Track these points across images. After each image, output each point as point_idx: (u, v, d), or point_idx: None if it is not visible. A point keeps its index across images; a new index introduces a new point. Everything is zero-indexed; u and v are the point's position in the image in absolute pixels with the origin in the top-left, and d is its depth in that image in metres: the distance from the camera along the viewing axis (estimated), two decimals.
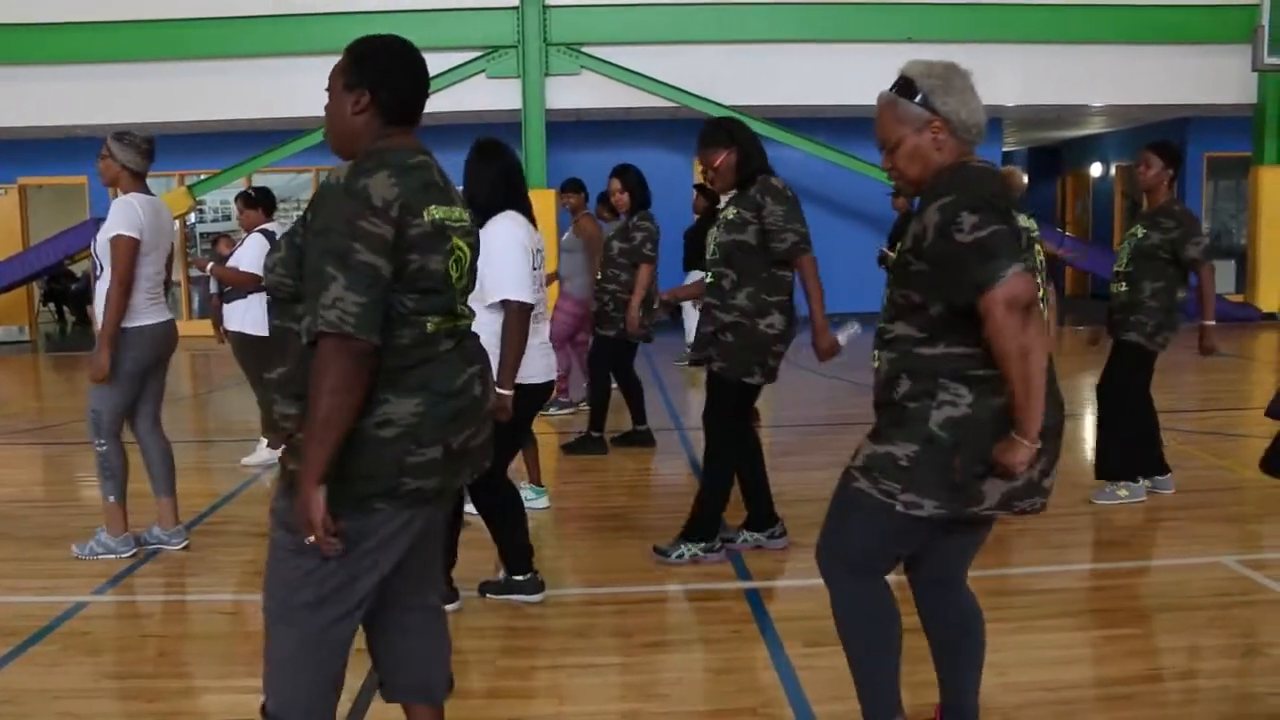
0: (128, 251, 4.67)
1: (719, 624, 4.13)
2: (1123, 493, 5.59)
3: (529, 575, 4.25)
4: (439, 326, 2.36)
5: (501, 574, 4.28)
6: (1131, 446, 5.62)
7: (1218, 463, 6.49)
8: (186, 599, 4.64)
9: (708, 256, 4.64)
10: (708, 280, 4.63)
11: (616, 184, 6.99)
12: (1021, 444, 2.42)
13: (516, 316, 3.85)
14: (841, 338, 4.51)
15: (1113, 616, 4.07)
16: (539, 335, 4.11)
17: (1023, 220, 2.63)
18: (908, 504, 2.59)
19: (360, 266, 2.17)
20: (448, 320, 2.39)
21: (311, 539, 2.20)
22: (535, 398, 4.15)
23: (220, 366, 11.40)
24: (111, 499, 4.90)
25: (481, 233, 3.87)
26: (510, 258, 3.90)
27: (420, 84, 2.45)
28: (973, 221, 2.40)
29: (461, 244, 2.42)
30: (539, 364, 4.10)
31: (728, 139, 4.52)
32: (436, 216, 2.33)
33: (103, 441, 4.83)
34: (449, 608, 4.11)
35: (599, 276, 7.06)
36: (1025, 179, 8.12)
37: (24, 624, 4.10)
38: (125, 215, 4.70)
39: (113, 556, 4.90)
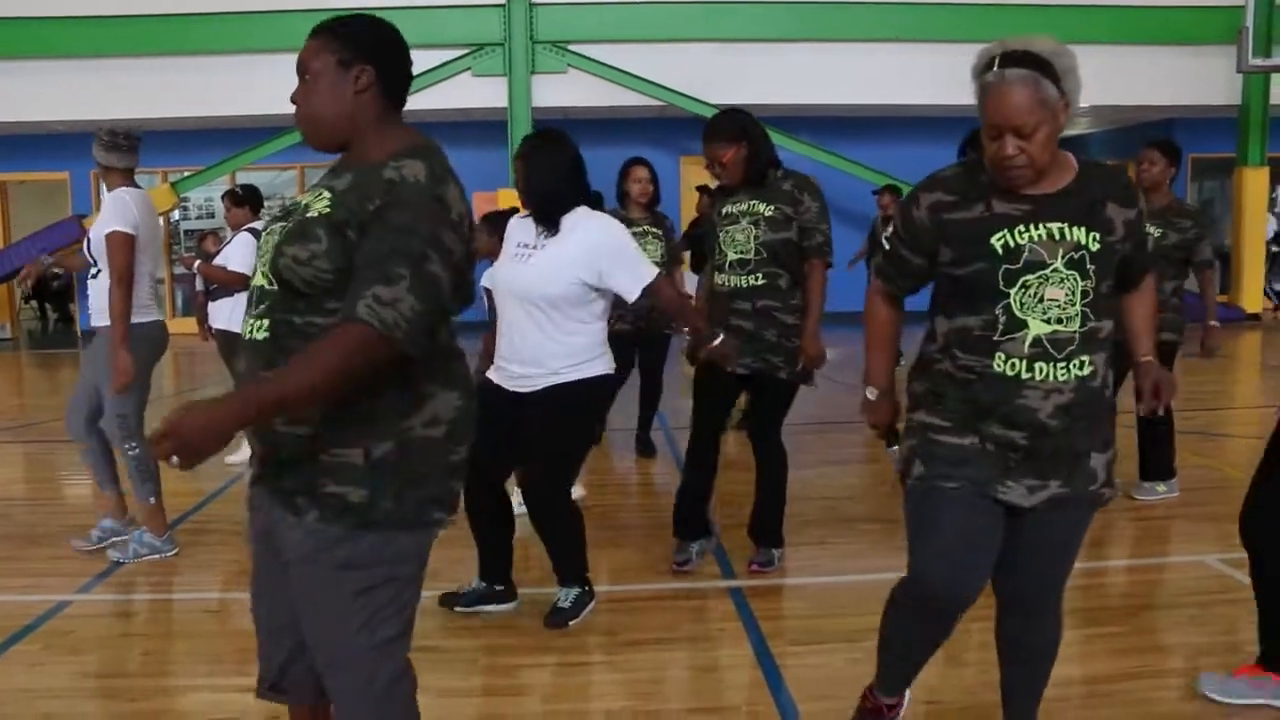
0: (125, 247, 4.62)
1: (704, 623, 4.13)
2: (1161, 488, 5.64)
3: (583, 588, 4.10)
4: (451, 326, 2.27)
5: (475, 583, 4.22)
6: (1171, 443, 5.68)
7: (1201, 462, 6.52)
8: (170, 598, 4.62)
9: (741, 256, 4.38)
10: (756, 282, 4.36)
11: (645, 174, 6.73)
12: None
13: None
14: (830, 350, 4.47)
15: (1096, 615, 4.09)
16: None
17: None
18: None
19: (429, 277, 2.02)
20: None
21: (178, 460, 1.86)
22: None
23: (204, 365, 11.34)
24: (152, 500, 4.85)
25: (577, 231, 3.86)
26: (634, 245, 3.96)
27: (410, 61, 2.29)
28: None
29: None
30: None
31: (740, 133, 4.40)
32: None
33: (134, 445, 4.77)
34: (509, 606, 4.14)
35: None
36: None
37: (5, 623, 4.07)
38: (119, 211, 4.66)
39: (159, 557, 4.86)
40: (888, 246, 2.68)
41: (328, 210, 2.06)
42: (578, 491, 5.47)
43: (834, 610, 4.19)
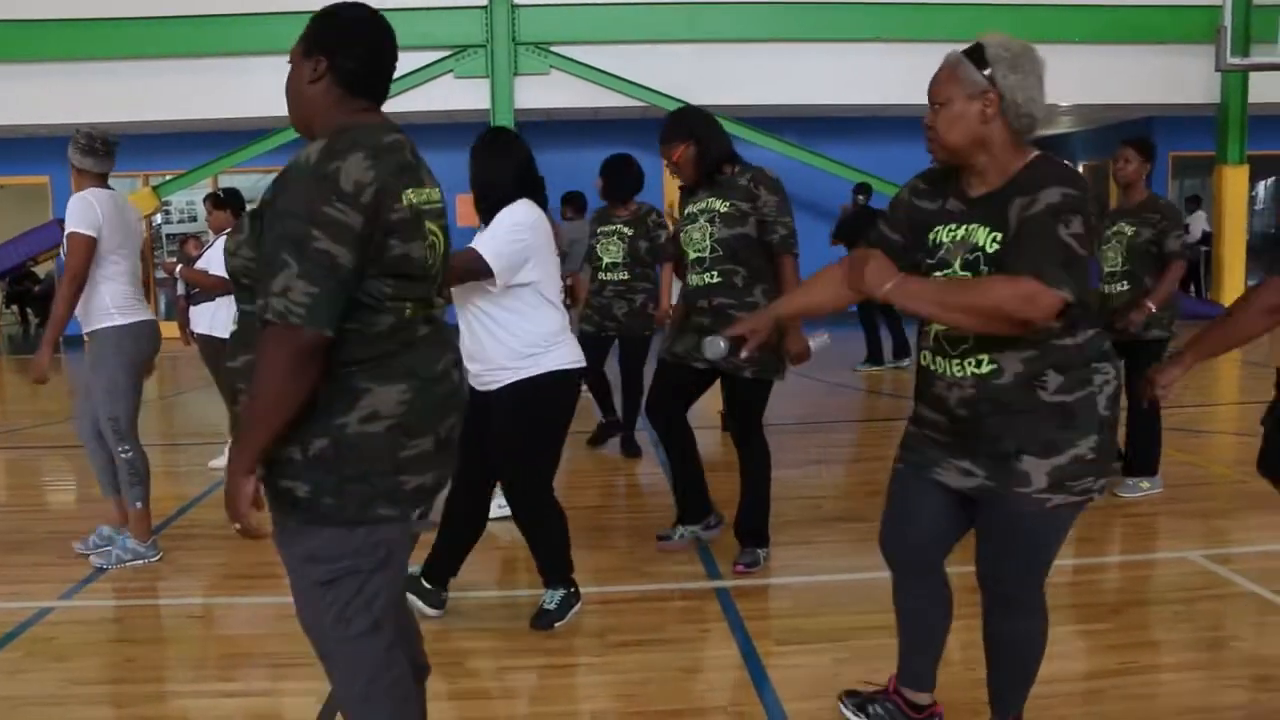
0: (82, 249, 4.58)
1: (690, 623, 4.13)
2: (1145, 485, 5.66)
3: (569, 590, 4.08)
4: (416, 312, 2.23)
5: (413, 568, 4.05)
6: (1157, 440, 5.69)
7: (1185, 459, 6.55)
8: (154, 603, 4.59)
9: (699, 254, 4.42)
10: (712, 280, 4.40)
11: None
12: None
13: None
14: (814, 344, 4.39)
15: (1084, 612, 4.11)
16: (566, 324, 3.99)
17: None
18: (1100, 489, 2.64)
19: (316, 255, 2.02)
20: (424, 307, 2.27)
21: (238, 527, 2.08)
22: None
23: (187, 369, 11.28)
24: (139, 505, 4.82)
25: (494, 221, 3.81)
26: (510, 230, 3.78)
27: (383, 52, 2.28)
28: (1078, 229, 2.35)
29: (435, 228, 2.30)
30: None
31: (686, 132, 4.42)
32: (414, 200, 2.20)
33: (127, 448, 4.75)
34: (432, 613, 4.05)
35: (626, 276, 6.75)
36: None
37: None
38: (81, 213, 4.61)
39: (142, 562, 4.83)
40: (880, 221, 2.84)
41: (262, 201, 2.18)
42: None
43: (820, 610, 4.20)
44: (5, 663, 3.78)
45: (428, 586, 4.09)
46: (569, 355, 3.92)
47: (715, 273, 4.39)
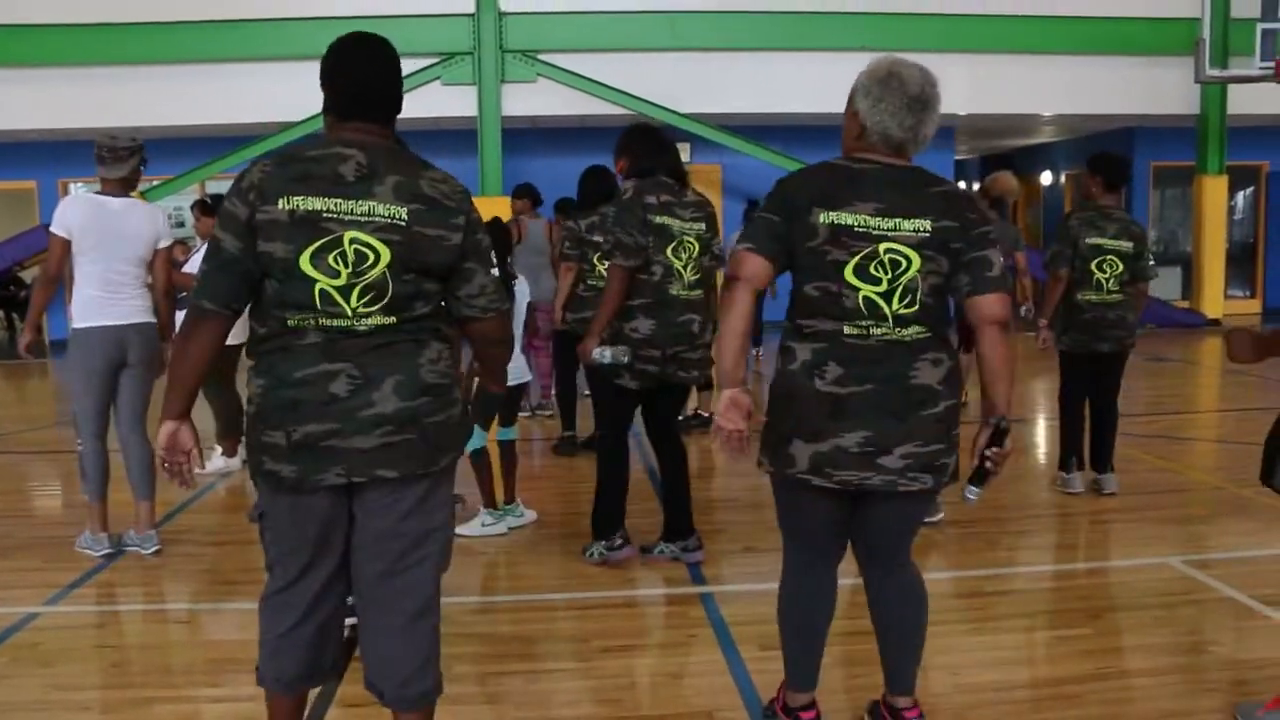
0: (52, 249, 4.77)
1: (674, 628, 4.16)
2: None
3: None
4: (304, 323, 2.42)
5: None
6: (1069, 440, 6.00)
7: (1165, 465, 6.61)
8: (140, 608, 4.59)
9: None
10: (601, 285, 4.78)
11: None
12: (725, 396, 2.78)
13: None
14: (605, 355, 4.46)
15: (1063, 617, 4.14)
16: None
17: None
18: (758, 463, 2.93)
19: (212, 241, 2.45)
20: (317, 317, 2.41)
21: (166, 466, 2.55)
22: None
23: None
24: (87, 498, 4.99)
25: None
26: None
27: (359, 78, 2.51)
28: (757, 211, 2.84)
29: (369, 240, 2.41)
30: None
31: (621, 149, 4.76)
32: (302, 206, 2.38)
33: (80, 441, 4.91)
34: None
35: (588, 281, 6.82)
36: (1015, 182, 8.25)
37: None
38: (58, 213, 4.80)
39: (89, 553, 4.96)
40: None
41: None
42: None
43: None
44: None
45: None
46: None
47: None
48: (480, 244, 2.58)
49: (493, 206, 11.90)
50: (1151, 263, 5.85)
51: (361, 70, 2.51)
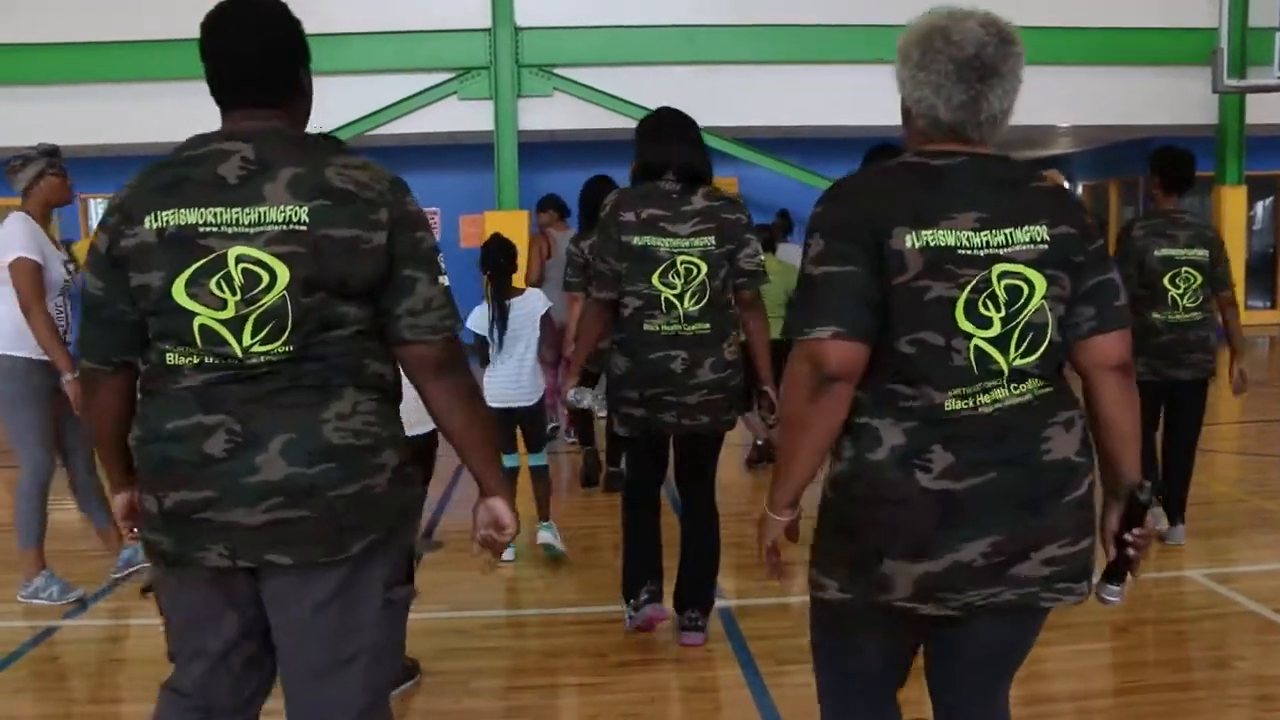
0: (29, 275, 4.25)
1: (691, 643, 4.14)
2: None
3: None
4: (183, 360, 1.93)
5: None
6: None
7: None
8: (158, 623, 4.58)
9: None
10: None
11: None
12: (766, 515, 2.10)
13: None
14: (582, 399, 4.27)
15: (1086, 632, 4.10)
16: None
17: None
18: (814, 585, 2.15)
19: (85, 285, 2.01)
20: (200, 355, 1.91)
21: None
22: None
23: None
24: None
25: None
26: None
27: (232, 51, 1.98)
28: (809, 252, 1.98)
29: (260, 256, 1.88)
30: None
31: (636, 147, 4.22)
32: (173, 222, 1.89)
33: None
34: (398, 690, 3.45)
35: None
36: (1064, 181, 8.08)
37: None
38: (18, 236, 4.29)
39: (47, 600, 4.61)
40: None
41: None
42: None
43: None
44: (9, 682, 3.78)
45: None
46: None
47: None
48: (420, 245, 1.98)
49: (509, 221, 11.96)
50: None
51: (233, 43, 1.97)
